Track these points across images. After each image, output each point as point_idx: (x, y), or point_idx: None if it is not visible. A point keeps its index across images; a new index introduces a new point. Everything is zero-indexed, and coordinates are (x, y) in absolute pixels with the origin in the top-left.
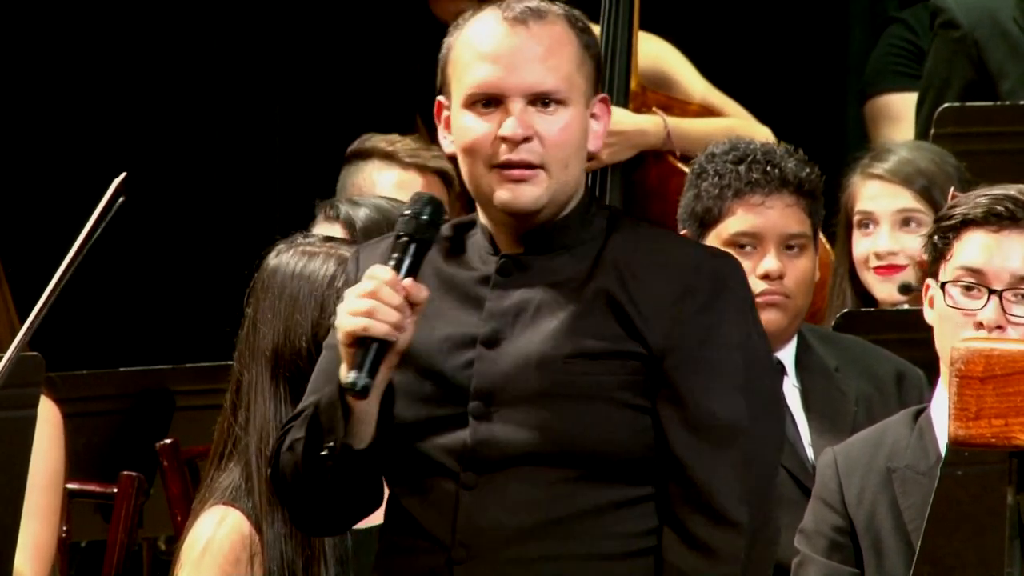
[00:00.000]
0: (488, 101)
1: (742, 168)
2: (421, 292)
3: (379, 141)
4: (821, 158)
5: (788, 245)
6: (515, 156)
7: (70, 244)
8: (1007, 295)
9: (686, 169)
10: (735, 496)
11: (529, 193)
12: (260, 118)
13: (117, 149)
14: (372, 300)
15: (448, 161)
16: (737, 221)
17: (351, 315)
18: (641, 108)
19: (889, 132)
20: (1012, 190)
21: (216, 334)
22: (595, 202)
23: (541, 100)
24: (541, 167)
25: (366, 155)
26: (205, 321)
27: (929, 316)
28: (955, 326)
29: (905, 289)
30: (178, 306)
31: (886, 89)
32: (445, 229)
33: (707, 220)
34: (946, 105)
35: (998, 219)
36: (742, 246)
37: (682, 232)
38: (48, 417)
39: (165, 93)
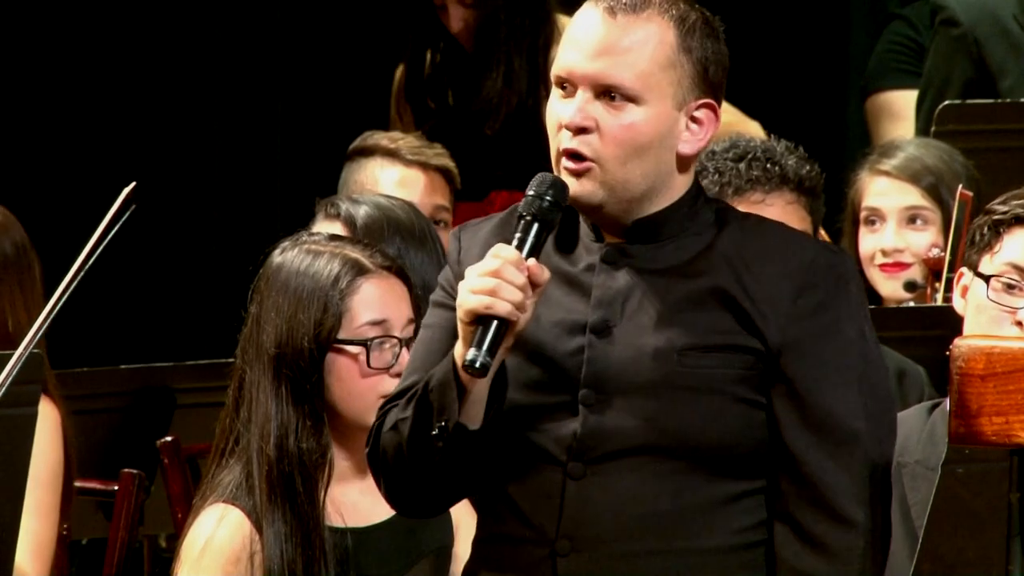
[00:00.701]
0: (565, 85)
1: (742, 166)
2: (544, 273)
3: (381, 138)
4: (822, 155)
5: None
6: (571, 145)
7: (78, 248)
8: None
9: None
10: (853, 496)
11: (581, 187)
12: (262, 116)
13: (119, 147)
14: (496, 279)
15: (451, 159)
16: None
17: (473, 293)
18: None
19: (890, 129)
20: None
21: (217, 331)
22: (702, 195)
23: (608, 93)
24: (595, 161)
25: (368, 152)
26: (206, 318)
27: (959, 305)
28: (991, 320)
29: (911, 287)
30: (179, 304)
31: (887, 86)
32: (595, 221)
33: None
34: (947, 102)
35: None
36: None
37: None
38: (48, 415)
39: (167, 92)
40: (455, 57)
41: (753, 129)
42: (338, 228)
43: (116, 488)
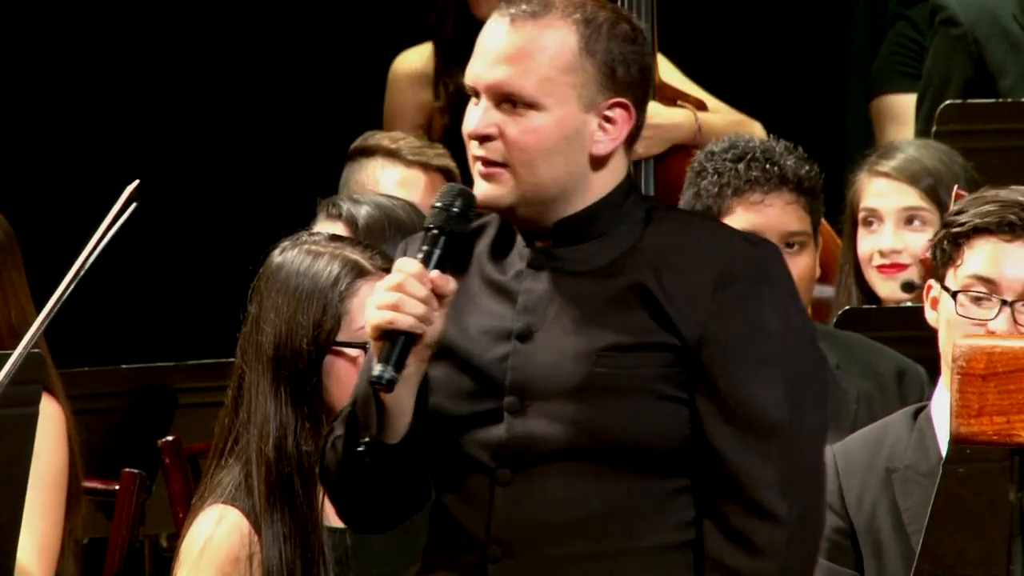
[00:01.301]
0: (475, 93)
1: (741, 166)
2: (448, 284)
3: (382, 138)
4: (822, 156)
5: (788, 243)
6: (478, 152)
7: (80, 247)
8: (1018, 306)
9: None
10: (774, 489)
11: (492, 191)
12: (264, 116)
13: (121, 147)
14: (398, 293)
15: (451, 159)
16: (736, 219)
17: (377, 308)
18: (663, 101)
19: (893, 133)
20: (1020, 195)
21: (218, 331)
22: (634, 193)
23: (508, 100)
24: (505, 166)
25: (369, 152)
26: (207, 318)
27: (931, 317)
28: (963, 335)
29: (908, 287)
30: (180, 303)
31: (890, 89)
32: (491, 222)
33: None
34: (948, 102)
35: (1011, 228)
36: None
37: None
38: (52, 416)
39: (169, 92)
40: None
41: (755, 130)
42: (339, 228)
43: (117, 488)
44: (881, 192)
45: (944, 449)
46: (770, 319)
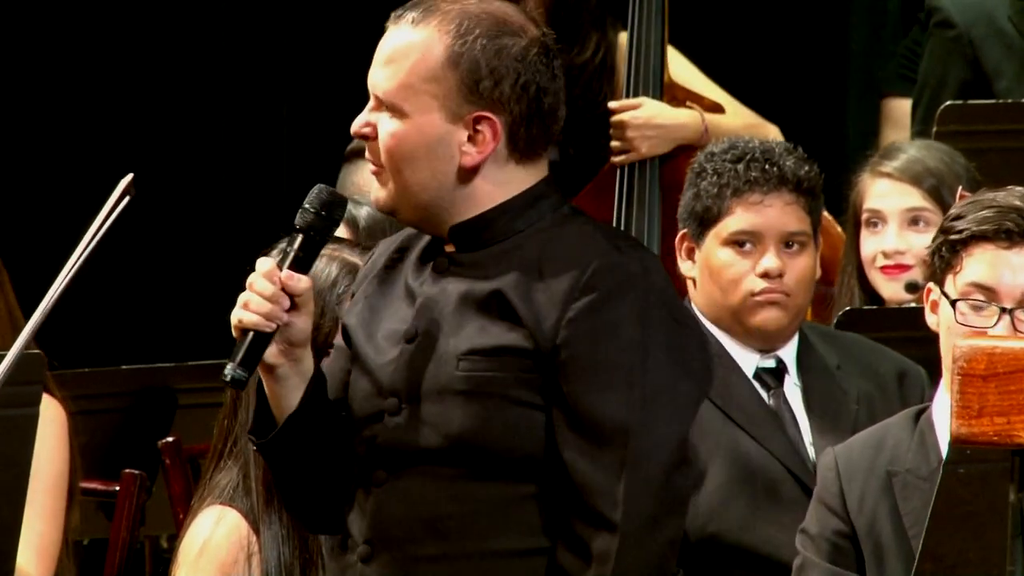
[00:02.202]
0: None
1: (740, 166)
2: (299, 284)
3: None
4: (822, 156)
5: (788, 243)
6: (367, 153)
7: (76, 242)
8: (1018, 313)
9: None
10: (611, 498)
11: (375, 192)
12: (267, 117)
13: (122, 148)
14: (247, 292)
15: None
16: (736, 220)
17: (236, 307)
18: (672, 102)
19: (891, 136)
20: (1016, 200)
21: (219, 332)
22: (545, 200)
23: (379, 102)
24: (382, 167)
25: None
26: (207, 319)
27: (931, 320)
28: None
29: (912, 288)
30: (181, 304)
31: (894, 92)
32: (412, 227)
33: (706, 219)
34: (948, 103)
35: (1008, 235)
36: (742, 244)
37: (682, 231)
38: (54, 417)
39: (171, 92)
40: None
41: (770, 133)
42: (341, 230)
43: (117, 488)
44: (884, 193)
45: (944, 452)
46: (626, 329)
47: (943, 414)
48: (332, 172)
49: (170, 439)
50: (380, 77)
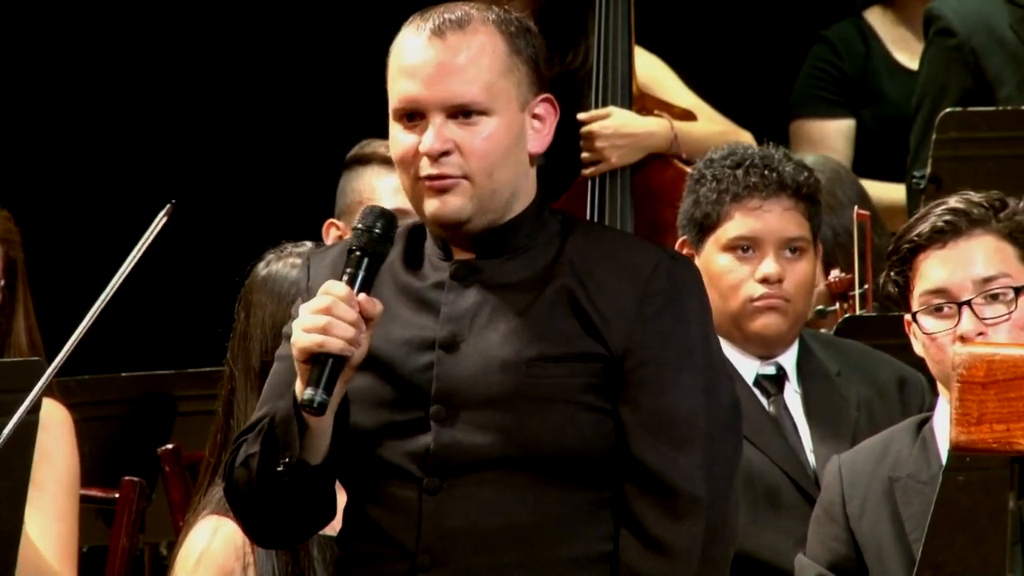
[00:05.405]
0: (412, 115)
1: (740, 172)
2: (376, 307)
3: (379, 146)
4: None
5: (787, 249)
6: (435, 170)
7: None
8: (976, 302)
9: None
10: (694, 495)
11: (453, 203)
12: (265, 125)
13: (122, 151)
14: (327, 316)
15: None
16: (736, 225)
17: (306, 331)
18: (642, 111)
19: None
20: (950, 201)
21: (218, 339)
22: (546, 207)
23: (461, 112)
24: (464, 177)
25: (366, 160)
26: (207, 326)
27: (917, 349)
28: (939, 349)
29: (820, 314)
30: (180, 311)
31: (807, 114)
32: (400, 233)
33: (706, 225)
34: (948, 110)
35: (942, 235)
36: (741, 250)
37: (682, 238)
38: (63, 420)
39: (171, 99)
40: None
41: (743, 140)
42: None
43: (117, 496)
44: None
45: (945, 460)
46: (689, 331)
47: (943, 421)
48: (332, 179)
49: (170, 446)
50: (456, 86)
